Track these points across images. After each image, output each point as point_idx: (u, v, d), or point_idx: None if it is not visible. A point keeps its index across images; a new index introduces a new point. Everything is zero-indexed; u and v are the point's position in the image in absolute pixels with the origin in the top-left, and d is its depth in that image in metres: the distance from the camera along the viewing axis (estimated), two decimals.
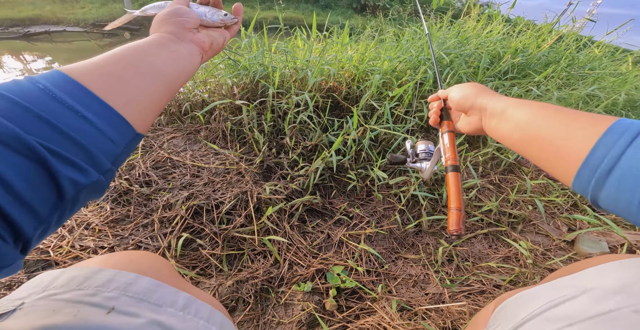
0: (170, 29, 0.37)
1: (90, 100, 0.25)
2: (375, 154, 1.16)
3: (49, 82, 0.25)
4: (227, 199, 0.91)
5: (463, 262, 0.96)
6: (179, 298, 0.35)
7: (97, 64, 0.28)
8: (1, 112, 0.21)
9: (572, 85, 1.56)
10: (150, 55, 0.32)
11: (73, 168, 0.23)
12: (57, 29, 8.45)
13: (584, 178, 0.29)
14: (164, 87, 0.32)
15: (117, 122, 0.27)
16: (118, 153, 0.27)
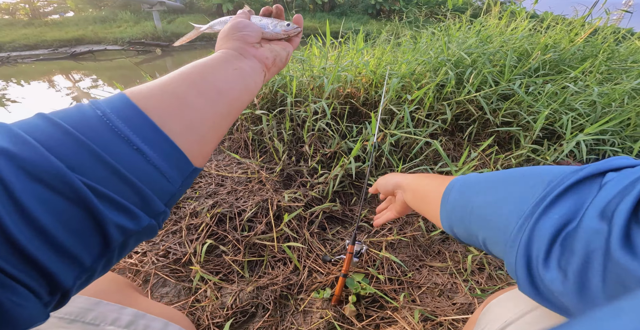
0: (233, 44, 0.35)
1: (147, 129, 0.23)
2: (397, 159, 1.13)
3: (110, 107, 0.23)
4: (249, 207, 0.94)
5: (496, 270, 0.90)
6: (122, 315, 0.33)
7: (160, 85, 0.26)
8: (49, 143, 0.19)
9: (615, 80, 1.44)
10: (213, 73, 0.30)
11: (122, 213, 0.20)
12: (99, 48, 9.26)
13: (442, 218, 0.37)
14: (226, 108, 0.29)
15: (175, 156, 0.24)
16: (173, 192, 0.24)
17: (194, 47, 10.36)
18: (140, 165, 0.21)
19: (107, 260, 0.21)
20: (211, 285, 0.81)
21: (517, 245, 0.24)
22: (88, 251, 0.19)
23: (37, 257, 0.17)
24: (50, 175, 0.18)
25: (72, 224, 0.18)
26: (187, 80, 0.28)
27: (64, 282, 0.19)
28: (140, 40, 9.52)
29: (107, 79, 5.63)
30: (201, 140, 0.27)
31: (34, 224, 0.17)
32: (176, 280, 0.83)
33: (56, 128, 0.20)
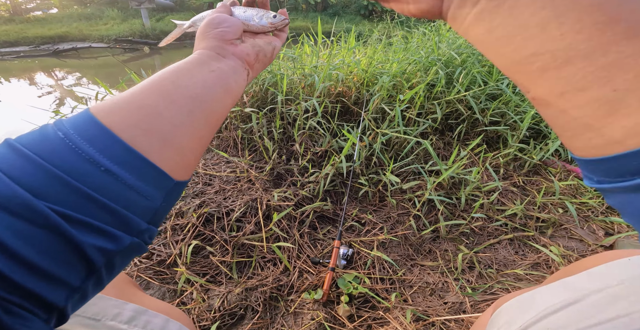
0: (209, 43, 0.32)
1: (115, 148, 0.21)
2: (388, 158, 1.13)
3: (73, 127, 0.21)
4: (238, 207, 0.91)
5: (486, 269, 0.91)
6: (124, 310, 0.33)
7: (127, 98, 0.24)
8: (11, 172, 0.19)
9: None
10: (187, 78, 0.27)
11: (98, 235, 0.20)
12: (83, 45, 9.00)
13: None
14: (204, 115, 0.27)
15: (150, 172, 0.22)
16: (155, 208, 0.23)
17: (183, 45, 10.20)
18: (110, 186, 0.21)
19: (96, 279, 0.21)
20: (197, 287, 0.78)
21: None
22: (73, 273, 0.19)
23: (22, 283, 0.17)
24: (15, 204, 0.18)
25: (49, 249, 0.18)
26: (157, 89, 0.25)
27: (56, 302, 0.19)
28: (127, 38, 9.30)
29: (92, 77, 5.48)
30: (180, 152, 0.25)
31: (10, 253, 0.17)
32: (160, 282, 0.79)
33: (19, 155, 0.19)
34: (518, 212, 1.03)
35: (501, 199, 1.11)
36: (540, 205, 1.10)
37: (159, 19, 11.80)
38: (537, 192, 1.14)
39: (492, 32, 0.19)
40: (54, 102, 3.55)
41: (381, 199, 1.10)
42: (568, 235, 1.04)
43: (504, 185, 1.15)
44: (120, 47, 8.94)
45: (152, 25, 10.75)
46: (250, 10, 0.38)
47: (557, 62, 0.17)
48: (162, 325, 0.35)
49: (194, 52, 0.32)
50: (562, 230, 1.05)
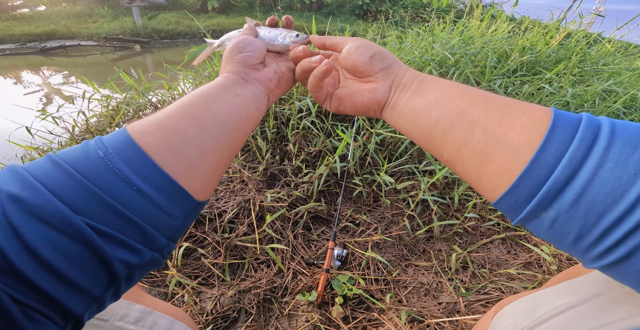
0: (234, 68, 0.34)
1: (147, 169, 0.23)
2: (382, 158, 1.13)
3: (112, 146, 0.23)
4: (230, 208, 0.90)
5: (479, 268, 0.91)
6: (131, 311, 0.33)
7: (161, 120, 0.26)
8: (55, 187, 0.20)
9: (587, 82, 1.51)
10: (215, 102, 0.29)
11: (125, 249, 0.22)
12: (71, 43, 8.81)
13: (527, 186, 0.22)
14: (228, 141, 0.29)
15: (176, 193, 0.24)
16: (177, 227, 0.25)
17: (175, 44, 10.07)
18: (140, 204, 0.23)
19: (115, 290, 0.23)
20: (189, 290, 0.76)
21: None
22: (96, 284, 0.21)
23: (47, 290, 0.19)
24: (55, 219, 0.19)
25: (78, 260, 0.20)
26: (188, 113, 0.27)
27: (75, 310, 0.20)
28: (117, 36, 9.14)
29: (80, 75, 5.36)
30: (203, 176, 0.27)
31: (43, 262, 0.19)
32: (150, 285, 0.77)
33: (61, 172, 0.21)
34: None
35: None
36: None
37: (151, 17, 11.63)
38: None
39: (413, 110, 0.30)
40: (41, 101, 3.47)
41: (375, 199, 1.10)
42: None
43: None
44: (110, 45, 8.78)
45: (144, 24, 10.59)
46: (274, 31, 0.40)
47: (449, 125, 0.27)
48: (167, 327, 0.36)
49: (220, 74, 0.34)
50: None
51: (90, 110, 1.26)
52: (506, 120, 0.24)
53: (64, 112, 1.24)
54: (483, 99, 0.26)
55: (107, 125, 1.26)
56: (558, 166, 0.20)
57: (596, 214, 0.19)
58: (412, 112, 0.30)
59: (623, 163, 0.19)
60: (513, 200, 0.23)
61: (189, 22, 10.92)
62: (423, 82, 0.31)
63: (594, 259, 0.21)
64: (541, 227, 0.22)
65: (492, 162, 0.24)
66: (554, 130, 0.21)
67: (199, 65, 1.44)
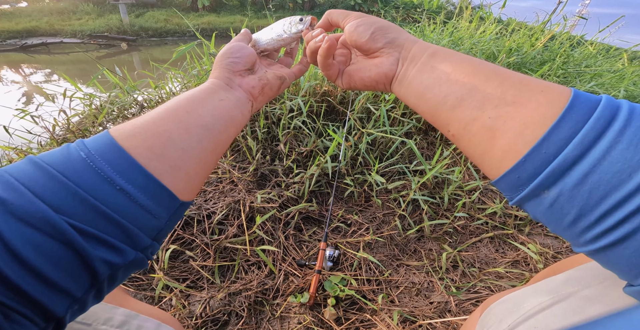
0: (220, 73, 0.34)
1: (131, 170, 0.23)
2: (373, 158, 1.13)
3: (94, 147, 0.23)
4: (219, 209, 0.88)
5: (469, 268, 0.92)
6: (115, 315, 0.33)
7: (145, 123, 0.26)
8: (36, 188, 0.20)
9: (570, 83, 1.55)
10: (200, 106, 0.30)
11: (107, 249, 0.22)
12: (54, 40, 8.54)
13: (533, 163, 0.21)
14: (212, 143, 0.29)
15: (160, 193, 0.24)
16: (161, 227, 0.25)
17: (164, 43, 9.88)
18: (124, 204, 0.23)
19: (97, 291, 0.23)
20: (177, 293, 0.74)
21: None
22: (77, 284, 0.21)
23: (28, 291, 0.19)
24: (36, 219, 0.19)
25: (60, 261, 0.20)
26: (173, 116, 0.28)
27: (56, 311, 0.20)
28: (103, 34, 8.90)
29: (62, 73, 5.19)
30: (187, 176, 0.27)
31: (23, 263, 0.18)
32: (136, 289, 0.75)
33: (42, 173, 0.21)
34: (498, 211, 1.05)
35: (482, 197, 1.13)
36: None
37: (138, 14, 11.39)
38: None
39: (422, 83, 0.29)
40: (20, 101, 3.34)
41: (367, 199, 1.10)
42: (544, 232, 1.07)
43: (484, 184, 1.17)
44: (95, 43, 8.55)
45: (131, 21, 10.36)
46: (276, 25, 0.39)
47: (459, 100, 0.26)
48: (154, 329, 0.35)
49: (209, 79, 0.35)
50: (539, 227, 1.09)
51: (72, 109, 1.21)
52: (521, 98, 0.23)
53: (44, 111, 1.19)
54: (498, 76, 0.25)
55: (90, 124, 1.21)
56: (569, 145, 0.20)
57: (600, 194, 0.19)
58: (421, 85, 0.29)
59: (636, 144, 0.18)
60: (517, 177, 0.22)
61: (178, 20, 10.74)
62: (434, 55, 0.29)
63: (587, 242, 0.21)
64: (540, 207, 0.22)
65: (501, 137, 0.23)
66: (570, 109, 0.21)
67: (188, 64, 1.41)
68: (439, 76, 0.28)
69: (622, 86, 1.44)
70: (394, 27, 0.33)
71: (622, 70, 1.70)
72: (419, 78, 0.30)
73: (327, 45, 0.32)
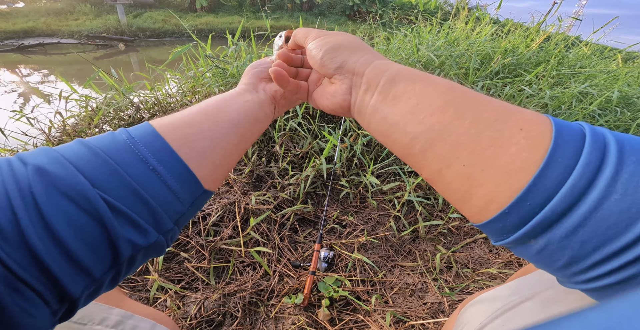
0: (247, 80, 0.38)
1: (164, 152, 0.25)
2: (368, 159, 1.13)
3: (134, 133, 0.25)
4: (215, 211, 0.88)
5: (462, 268, 0.93)
6: (110, 315, 0.33)
7: (180, 115, 0.29)
8: (80, 163, 0.22)
9: (564, 84, 1.56)
10: (228, 105, 0.33)
11: (133, 228, 0.22)
12: (51, 41, 8.51)
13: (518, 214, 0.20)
14: (237, 137, 0.31)
15: (187, 177, 0.26)
16: (183, 212, 0.26)
17: (162, 43, 9.86)
18: (154, 185, 0.23)
19: (115, 273, 0.23)
20: (172, 294, 0.75)
21: None
22: (99, 264, 0.21)
23: (51, 266, 0.19)
24: (75, 192, 0.20)
25: (88, 236, 0.20)
26: (204, 112, 0.30)
27: (73, 292, 0.20)
28: (100, 34, 8.88)
29: (60, 74, 5.19)
30: (213, 165, 0.28)
31: (54, 235, 0.19)
32: (130, 290, 0.75)
33: (88, 151, 0.23)
34: None
35: None
36: None
37: (136, 15, 11.36)
38: None
39: (385, 121, 0.26)
40: (16, 102, 3.33)
41: (362, 200, 1.10)
42: None
43: None
44: (92, 43, 8.52)
45: (128, 22, 10.34)
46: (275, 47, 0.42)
47: (428, 144, 0.23)
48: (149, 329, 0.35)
49: (238, 85, 0.38)
50: None
51: (67, 110, 1.21)
52: (499, 141, 0.20)
53: (40, 113, 1.19)
54: (472, 111, 0.22)
55: (86, 126, 1.21)
56: (556, 195, 0.18)
57: (593, 245, 0.18)
58: (384, 123, 0.26)
59: (632, 194, 0.17)
60: (500, 226, 0.21)
61: (176, 20, 10.72)
62: (394, 82, 0.26)
63: (578, 283, 0.20)
64: (527, 252, 0.21)
65: (480, 186, 0.21)
66: (555, 152, 0.19)
67: (184, 66, 1.41)
68: (403, 113, 0.25)
69: (616, 87, 1.45)
70: (345, 47, 0.30)
71: (616, 71, 1.71)
72: (380, 112, 0.26)
73: (273, 75, 0.34)
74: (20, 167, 0.20)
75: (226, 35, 1.36)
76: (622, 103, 1.53)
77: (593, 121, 1.36)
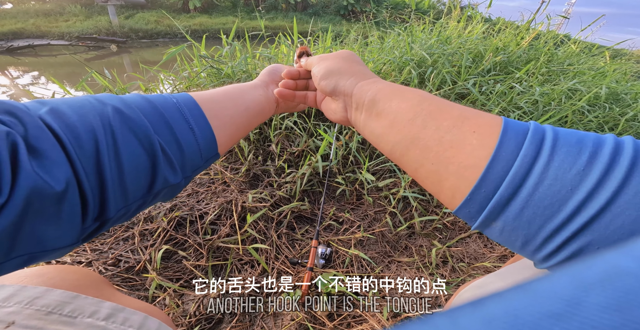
0: (263, 77, 0.46)
1: (200, 119, 0.32)
2: (364, 156, 1.14)
3: (180, 99, 0.32)
4: (212, 209, 0.89)
5: (458, 263, 0.94)
6: (101, 308, 0.34)
7: (212, 93, 0.37)
8: (145, 111, 0.28)
9: (554, 81, 1.59)
10: (246, 93, 0.40)
11: (170, 168, 0.28)
12: (41, 42, 8.38)
13: (477, 200, 0.24)
14: (247, 119, 0.39)
15: (210, 139, 0.33)
16: (199, 165, 0.33)
17: (155, 44, 9.78)
18: (190, 139, 0.31)
19: (141, 203, 0.28)
20: (170, 293, 0.75)
21: None
22: (138, 190, 0.26)
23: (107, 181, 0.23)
24: (142, 133, 0.26)
25: (141, 168, 0.26)
26: (229, 95, 0.38)
27: (112, 209, 0.24)
28: (92, 36, 8.77)
29: (50, 75, 5.12)
30: (227, 135, 0.36)
31: (119, 159, 0.24)
32: (129, 289, 0.75)
33: (149, 104, 0.29)
34: None
35: None
36: None
37: (128, 16, 11.23)
38: None
39: (373, 133, 0.32)
40: None
41: (358, 197, 1.11)
42: None
43: None
44: (83, 44, 8.41)
45: (120, 23, 10.23)
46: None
47: (404, 149, 0.28)
48: (140, 322, 0.35)
49: (255, 79, 0.46)
50: None
51: None
52: (456, 143, 0.25)
53: None
54: (434, 121, 0.27)
55: None
56: (502, 184, 0.22)
57: (538, 225, 0.21)
58: (372, 134, 0.32)
59: (561, 179, 0.20)
60: (467, 211, 0.25)
61: (169, 21, 10.63)
62: (374, 101, 0.31)
63: (541, 261, 0.23)
64: (493, 234, 0.25)
65: (446, 180, 0.25)
66: (500, 148, 0.23)
67: (179, 66, 1.41)
68: (384, 126, 0.30)
69: (605, 83, 1.49)
70: (337, 71, 0.36)
71: (604, 68, 1.75)
72: (369, 127, 0.32)
73: (277, 95, 0.43)
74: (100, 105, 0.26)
75: (220, 35, 1.36)
76: (611, 99, 1.56)
77: (582, 117, 1.39)
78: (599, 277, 0.08)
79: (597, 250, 0.19)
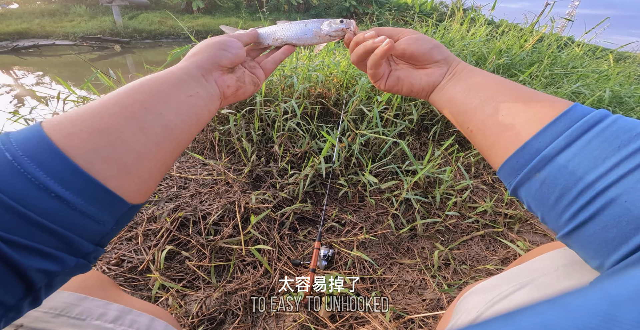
0: (200, 60, 0.31)
1: (68, 174, 0.21)
2: (366, 158, 1.15)
3: (23, 148, 0.20)
4: (215, 210, 0.89)
5: (460, 265, 0.94)
6: (109, 310, 0.33)
7: (90, 118, 0.23)
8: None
9: (557, 84, 1.59)
10: (162, 103, 0.26)
11: (42, 258, 0.20)
12: (46, 42, 8.44)
13: (531, 149, 0.27)
14: (173, 144, 0.26)
15: (105, 198, 0.22)
16: (105, 232, 0.23)
17: (158, 45, 9.83)
18: (60, 211, 0.20)
19: (33, 298, 0.21)
20: (173, 293, 0.75)
21: None
22: (9, 294, 0.19)
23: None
24: None
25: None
26: (126, 112, 0.24)
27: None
28: (96, 36, 8.83)
29: (55, 75, 5.15)
30: (140, 180, 0.24)
31: None
32: (132, 289, 0.76)
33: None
34: (488, 209, 1.08)
35: (472, 196, 1.16)
36: (507, 202, 1.16)
37: (132, 16, 11.31)
38: (504, 189, 1.20)
39: (455, 89, 0.36)
40: (11, 102, 3.30)
41: (360, 199, 1.12)
42: (533, 230, 1.10)
43: (474, 183, 1.20)
44: (88, 45, 8.47)
45: (124, 23, 10.29)
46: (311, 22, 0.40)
47: (480, 102, 0.32)
48: (147, 324, 0.35)
49: (182, 62, 0.31)
50: (528, 225, 1.12)
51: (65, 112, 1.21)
52: (529, 103, 0.29)
53: (37, 114, 1.19)
54: (516, 88, 0.32)
55: None
56: (560, 137, 0.25)
57: (578, 175, 0.23)
58: (454, 90, 0.36)
59: (611, 140, 0.23)
60: (515, 161, 0.27)
61: (172, 22, 10.68)
62: (472, 71, 0.36)
63: (567, 221, 0.24)
64: (532, 189, 0.26)
65: (509, 130, 0.29)
66: (567, 112, 0.26)
67: None
68: (470, 85, 0.34)
69: (608, 86, 1.48)
70: (445, 48, 0.40)
71: (607, 71, 1.74)
72: (455, 87, 0.36)
73: (387, 46, 0.35)
74: None
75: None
76: (614, 102, 1.56)
77: None
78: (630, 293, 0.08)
79: (625, 203, 0.20)
